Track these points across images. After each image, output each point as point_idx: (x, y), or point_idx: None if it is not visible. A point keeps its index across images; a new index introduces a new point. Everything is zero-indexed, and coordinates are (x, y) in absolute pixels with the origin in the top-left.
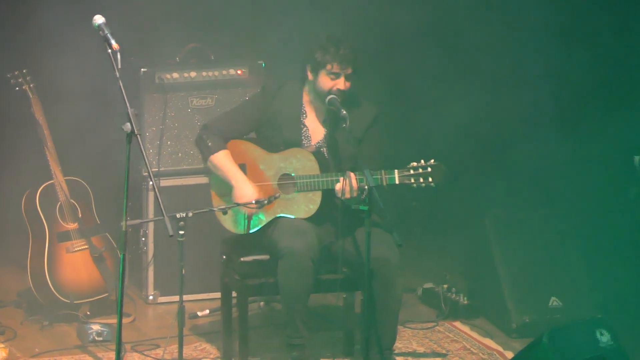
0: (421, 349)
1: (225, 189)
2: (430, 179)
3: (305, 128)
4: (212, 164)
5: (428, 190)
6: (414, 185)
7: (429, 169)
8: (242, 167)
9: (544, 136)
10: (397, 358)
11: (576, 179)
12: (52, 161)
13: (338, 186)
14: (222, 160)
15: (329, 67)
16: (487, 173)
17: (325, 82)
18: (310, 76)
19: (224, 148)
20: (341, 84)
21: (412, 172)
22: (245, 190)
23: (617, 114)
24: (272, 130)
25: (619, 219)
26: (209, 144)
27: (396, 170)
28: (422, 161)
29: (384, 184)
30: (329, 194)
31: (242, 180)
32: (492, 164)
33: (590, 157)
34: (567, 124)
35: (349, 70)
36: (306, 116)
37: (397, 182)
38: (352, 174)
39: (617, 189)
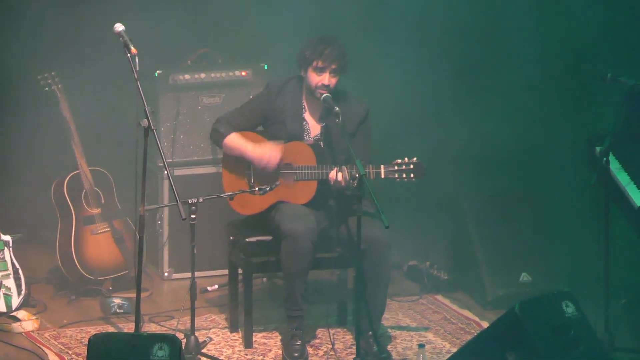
0: (407, 320)
1: (236, 176)
2: (412, 175)
3: (305, 122)
4: (226, 146)
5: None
6: (397, 180)
7: (411, 166)
8: None
9: (518, 130)
10: (384, 327)
11: (545, 166)
12: (78, 153)
13: (332, 174)
14: (234, 140)
15: (314, 63)
16: (466, 161)
17: (313, 77)
18: (302, 73)
19: (235, 131)
20: (326, 78)
21: (396, 167)
22: (263, 150)
23: (584, 111)
24: (277, 125)
25: (583, 202)
26: (222, 130)
27: (382, 166)
28: (406, 158)
29: (372, 177)
30: (324, 184)
31: (255, 149)
32: (471, 155)
33: (557, 147)
34: (541, 119)
35: (333, 66)
36: (305, 111)
37: (382, 176)
38: (344, 167)
39: (581, 175)
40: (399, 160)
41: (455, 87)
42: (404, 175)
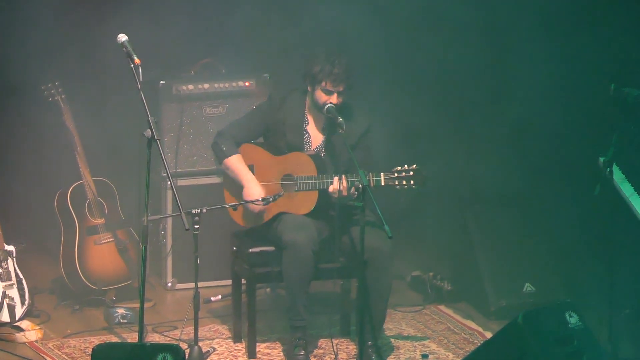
0: (410, 330)
1: (237, 188)
2: (412, 182)
3: (307, 134)
4: (225, 166)
5: (412, 190)
6: (398, 187)
7: (411, 173)
8: (251, 168)
9: (522, 142)
10: (388, 337)
11: (549, 177)
12: (82, 163)
13: (331, 188)
14: (235, 163)
15: (323, 84)
16: (469, 171)
17: (320, 96)
18: (309, 88)
19: (237, 152)
20: (334, 99)
21: (396, 175)
22: (254, 189)
23: (586, 122)
24: (278, 136)
25: (586, 213)
26: (223, 148)
27: (382, 173)
28: (406, 166)
29: (372, 185)
30: (325, 193)
31: (251, 181)
32: (473, 164)
33: (562, 159)
34: (544, 130)
35: (341, 88)
36: (308, 123)
37: (382, 184)
38: (343, 177)
39: (584, 186)
40: (399, 168)
41: (455, 103)
42: (404, 183)
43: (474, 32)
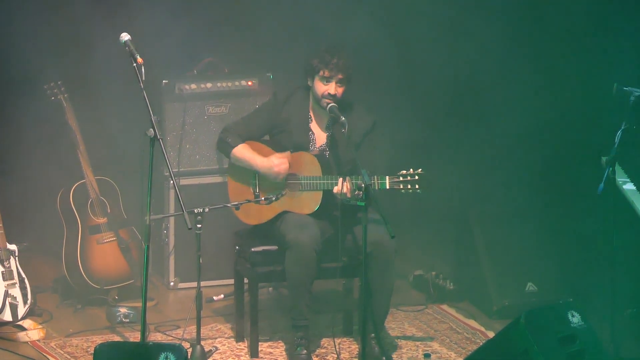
0: (412, 329)
1: (242, 185)
2: (417, 186)
3: (311, 132)
4: (234, 157)
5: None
6: (402, 191)
7: (416, 177)
8: None
9: (525, 142)
10: (390, 336)
11: (552, 177)
12: (84, 162)
13: (336, 189)
14: (243, 151)
15: (321, 72)
16: (472, 172)
17: (319, 86)
18: (309, 82)
19: (243, 142)
20: (332, 88)
21: (401, 178)
22: (269, 165)
23: (589, 122)
24: (283, 134)
25: (589, 212)
26: (229, 140)
27: (387, 177)
28: (411, 169)
29: (376, 188)
30: (329, 194)
31: (264, 161)
32: (476, 163)
33: (564, 158)
34: (546, 131)
35: (340, 76)
36: (312, 121)
37: (387, 187)
38: (347, 179)
39: (587, 186)
40: (404, 172)
41: (461, 111)
42: (409, 187)
43: (477, 42)
